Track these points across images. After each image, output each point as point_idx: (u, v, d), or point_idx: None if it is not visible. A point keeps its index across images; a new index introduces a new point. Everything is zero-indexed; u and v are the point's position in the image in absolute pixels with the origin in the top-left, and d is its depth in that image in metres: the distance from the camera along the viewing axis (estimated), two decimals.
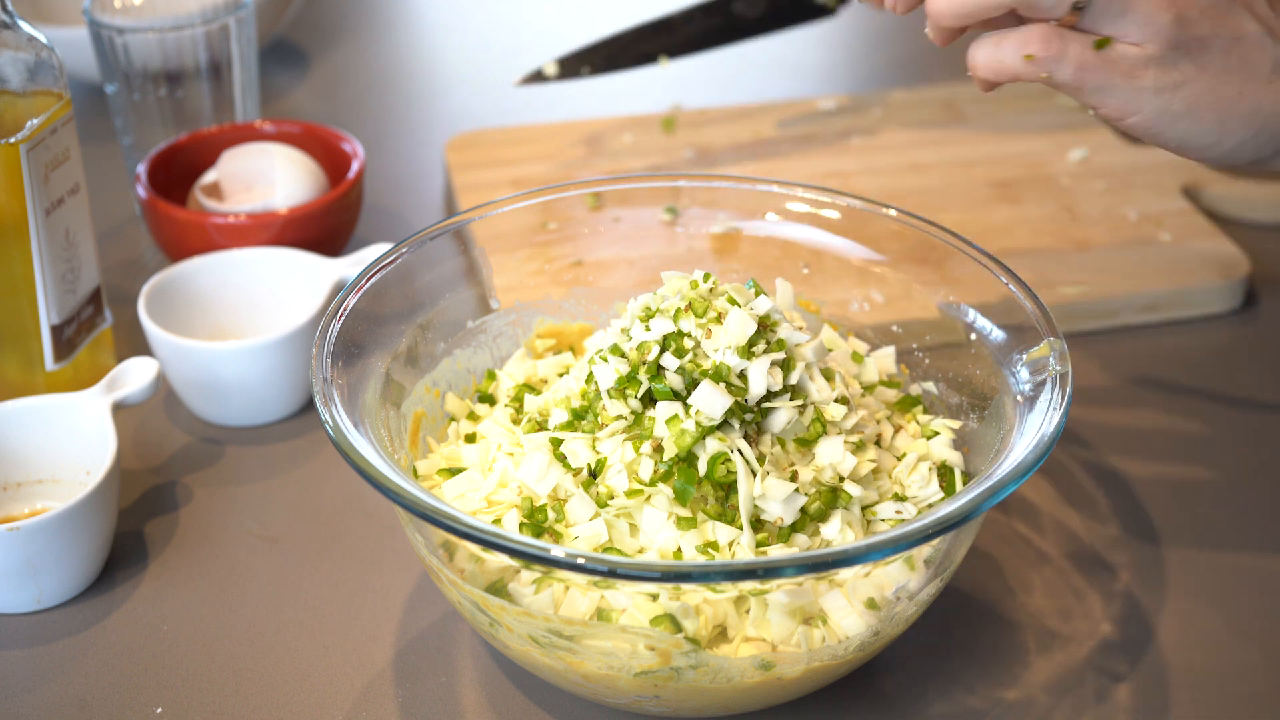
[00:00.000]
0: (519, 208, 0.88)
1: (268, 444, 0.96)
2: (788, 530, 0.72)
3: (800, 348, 0.75)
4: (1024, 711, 0.77)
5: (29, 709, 0.77)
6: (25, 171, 0.88)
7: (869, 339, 0.88)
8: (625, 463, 0.73)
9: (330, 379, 0.74)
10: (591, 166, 1.21)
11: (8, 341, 0.93)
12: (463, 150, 1.24)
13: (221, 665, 0.80)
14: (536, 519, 0.74)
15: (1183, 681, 0.79)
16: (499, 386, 0.86)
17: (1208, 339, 1.06)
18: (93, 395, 0.88)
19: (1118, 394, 1.00)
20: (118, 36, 1.13)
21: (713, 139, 1.25)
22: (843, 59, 1.52)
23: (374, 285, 0.81)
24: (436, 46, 1.58)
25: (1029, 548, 0.87)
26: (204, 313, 1.01)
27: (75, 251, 0.94)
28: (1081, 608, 0.83)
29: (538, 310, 0.90)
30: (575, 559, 0.64)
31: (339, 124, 1.29)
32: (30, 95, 0.90)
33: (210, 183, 1.10)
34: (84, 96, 1.32)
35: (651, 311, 0.75)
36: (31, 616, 0.83)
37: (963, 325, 0.82)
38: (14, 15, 0.89)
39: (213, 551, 0.88)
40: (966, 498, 0.67)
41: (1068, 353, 0.75)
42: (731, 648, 0.71)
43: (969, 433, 0.81)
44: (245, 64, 1.17)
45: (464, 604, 0.73)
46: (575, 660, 0.70)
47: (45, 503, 0.88)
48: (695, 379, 0.72)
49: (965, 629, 0.82)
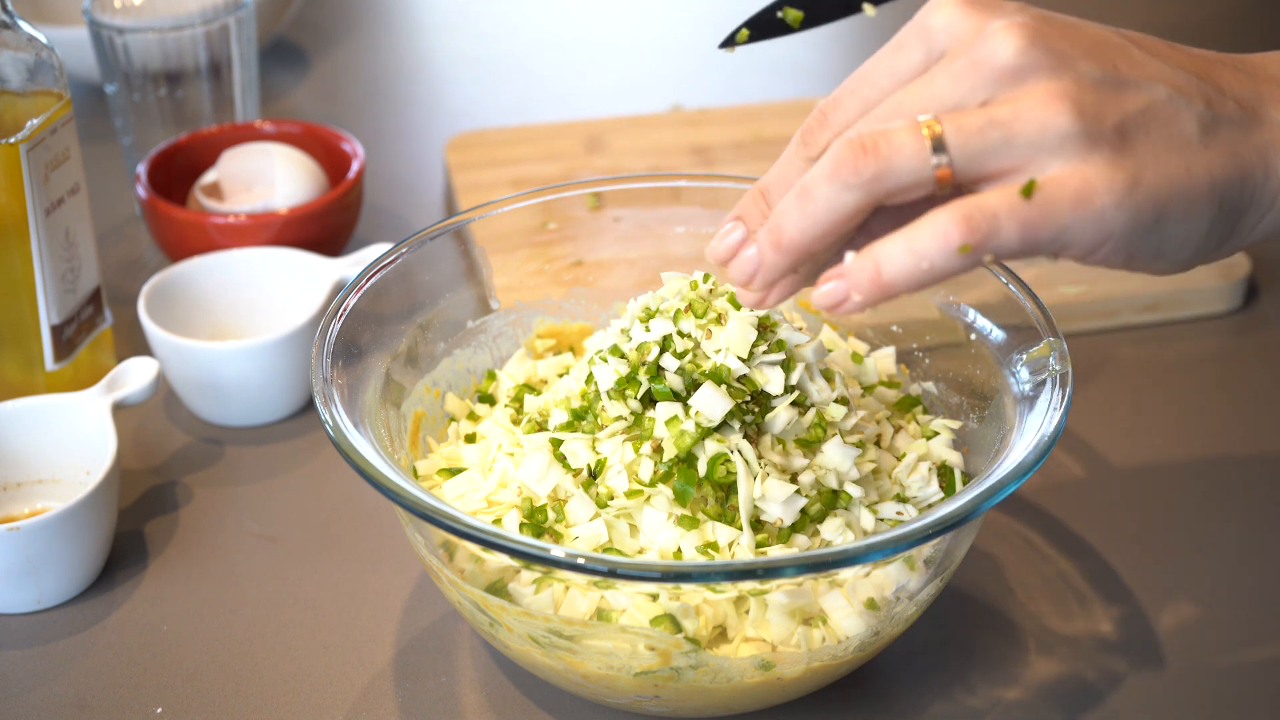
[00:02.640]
0: (519, 208, 0.88)
1: (268, 444, 0.96)
2: (787, 531, 0.72)
3: (800, 348, 0.75)
4: (1024, 711, 0.77)
5: (29, 709, 0.77)
6: (25, 171, 0.88)
7: (869, 339, 0.88)
8: (625, 463, 0.73)
9: (330, 379, 0.74)
10: (591, 166, 1.21)
11: (8, 341, 0.93)
12: (463, 150, 1.24)
13: (221, 665, 0.80)
14: (536, 519, 0.74)
15: (1183, 681, 0.79)
16: (499, 387, 0.86)
17: (1208, 339, 1.06)
18: (93, 395, 0.88)
19: (1118, 394, 1.00)
20: (118, 36, 1.13)
21: (713, 139, 1.25)
22: (843, 59, 1.52)
23: (374, 285, 0.81)
24: (436, 46, 1.58)
25: (1029, 548, 0.87)
26: (204, 313, 1.01)
27: (75, 251, 0.94)
28: (1081, 608, 0.83)
29: (538, 310, 0.90)
30: (575, 559, 0.64)
31: (339, 124, 1.28)
32: (30, 95, 0.90)
33: (210, 183, 1.10)
34: (84, 96, 1.32)
35: (651, 312, 0.75)
36: (31, 616, 0.83)
37: (963, 325, 0.82)
38: (14, 15, 0.89)
39: (213, 551, 0.88)
40: (966, 498, 0.67)
41: (1068, 353, 0.75)
42: (731, 648, 0.71)
43: (969, 433, 0.81)
44: (245, 64, 1.17)
45: (464, 604, 0.73)
46: (575, 660, 0.70)
47: (45, 503, 0.88)
48: (695, 380, 0.72)
49: (965, 629, 0.82)
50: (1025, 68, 0.58)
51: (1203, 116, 0.60)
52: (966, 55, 0.59)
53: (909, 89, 0.60)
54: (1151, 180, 0.59)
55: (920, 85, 0.60)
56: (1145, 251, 0.61)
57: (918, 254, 0.58)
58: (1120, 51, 0.60)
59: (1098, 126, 0.58)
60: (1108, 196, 0.58)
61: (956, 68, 0.59)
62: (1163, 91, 0.60)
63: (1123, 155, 0.58)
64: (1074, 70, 0.58)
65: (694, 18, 1.63)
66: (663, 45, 1.55)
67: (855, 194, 0.59)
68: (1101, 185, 0.58)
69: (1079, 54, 0.59)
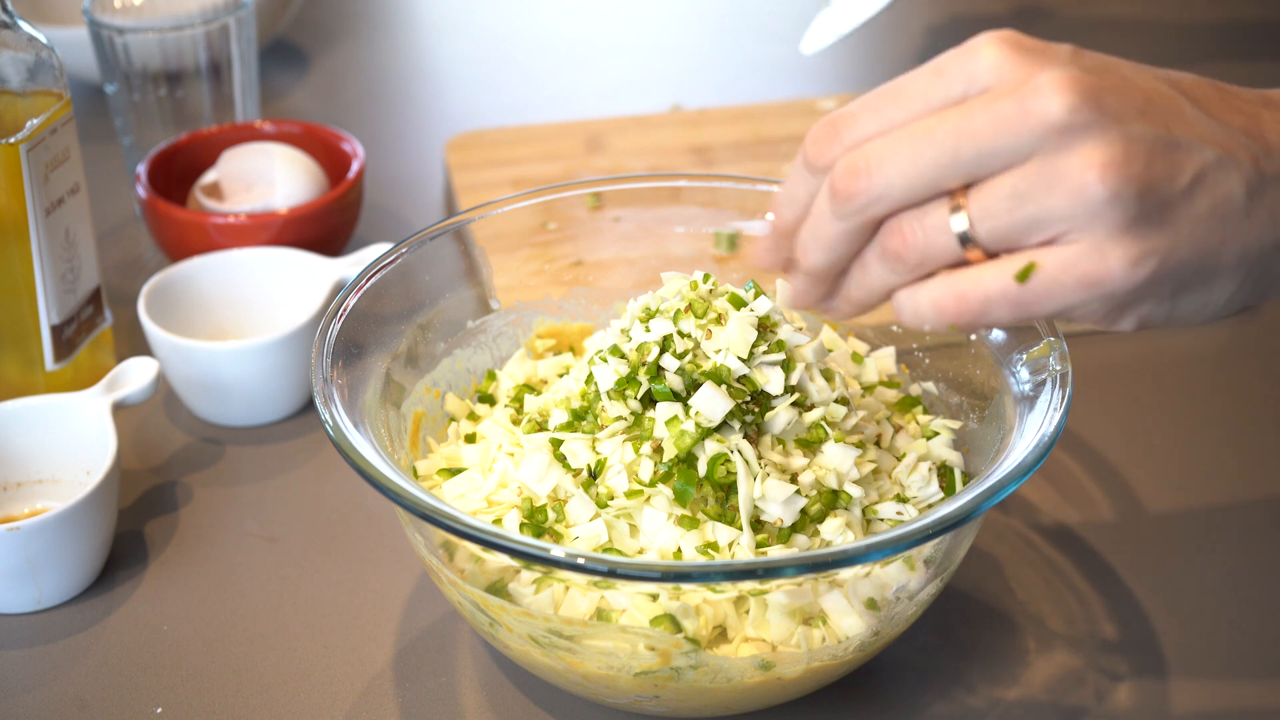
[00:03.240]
0: (519, 208, 0.88)
1: (268, 444, 0.96)
2: (787, 531, 0.72)
3: (800, 348, 0.75)
4: (1024, 711, 0.77)
5: (29, 709, 0.77)
6: (25, 171, 0.88)
7: (869, 339, 0.88)
8: (625, 463, 0.73)
9: (330, 379, 0.74)
10: (591, 166, 1.21)
11: (8, 341, 0.93)
12: (463, 150, 1.24)
13: (221, 665, 0.80)
14: (536, 519, 0.74)
15: (1183, 681, 0.79)
16: (499, 387, 0.86)
17: (1208, 339, 1.06)
18: (93, 395, 0.88)
19: (1118, 394, 1.00)
20: (118, 36, 1.13)
21: (713, 139, 1.25)
22: (843, 59, 1.52)
23: (374, 285, 0.81)
24: (436, 46, 1.58)
25: (1029, 548, 0.87)
26: (204, 313, 1.01)
27: (75, 251, 0.94)
28: (1081, 608, 0.83)
29: (538, 310, 0.90)
30: (575, 559, 0.64)
31: (339, 124, 1.29)
32: (30, 95, 0.90)
33: (210, 183, 1.10)
34: (84, 96, 1.32)
35: (651, 312, 0.75)
36: (31, 616, 0.83)
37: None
38: (14, 15, 0.89)
39: (213, 551, 0.88)
40: (966, 498, 0.67)
41: (1068, 353, 0.75)
42: (731, 648, 0.71)
43: (969, 433, 0.81)
44: (245, 64, 1.17)
45: (464, 604, 0.73)
46: (575, 660, 0.70)
47: (45, 503, 0.88)
48: (695, 380, 0.72)
49: (965, 629, 0.82)
50: (1075, 127, 0.56)
51: (1250, 179, 0.58)
52: (1014, 101, 0.56)
53: (943, 116, 0.58)
54: (1180, 256, 0.57)
55: (958, 117, 0.57)
56: (1158, 318, 0.60)
57: (919, 315, 0.60)
58: (1173, 109, 0.58)
59: (1141, 199, 0.56)
60: (1123, 279, 0.57)
61: (1002, 112, 0.57)
62: (1213, 155, 0.57)
63: (1161, 229, 0.57)
64: (1125, 131, 0.56)
65: (694, 18, 1.63)
66: (663, 45, 1.55)
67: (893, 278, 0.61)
68: (1119, 268, 0.56)
69: (1132, 113, 0.57)
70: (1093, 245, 0.56)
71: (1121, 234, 0.56)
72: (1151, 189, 0.56)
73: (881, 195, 0.59)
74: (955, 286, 0.58)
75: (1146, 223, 0.56)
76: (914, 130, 0.58)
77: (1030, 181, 0.56)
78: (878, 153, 0.58)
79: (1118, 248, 0.56)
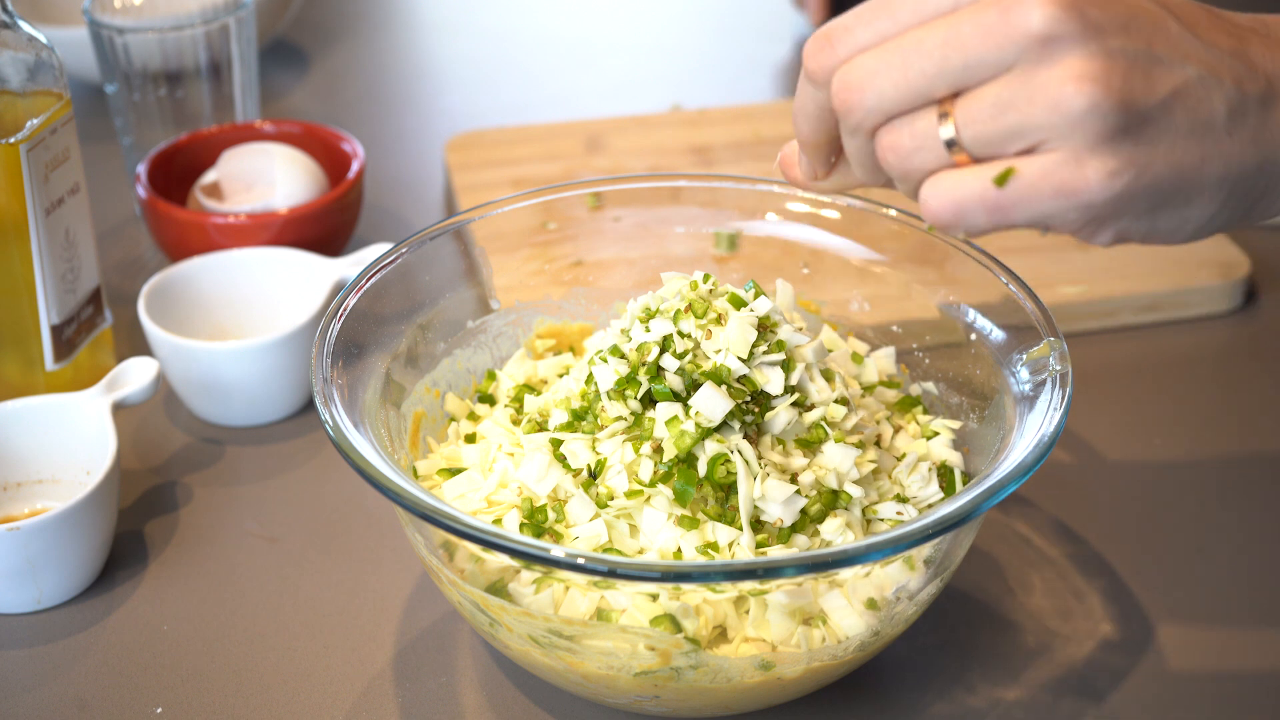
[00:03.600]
0: (519, 208, 0.88)
1: (268, 444, 0.96)
2: (787, 531, 0.72)
3: (800, 349, 0.75)
4: (1024, 711, 0.77)
5: (29, 709, 0.77)
6: (25, 171, 0.88)
7: (869, 339, 0.88)
8: (625, 463, 0.73)
9: (330, 379, 0.74)
10: (591, 166, 1.21)
11: (8, 341, 0.93)
12: (463, 150, 1.24)
13: (221, 665, 0.80)
14: (536, 519, 0.74)
15: (1183, 681, 0.79)
16: (499, 387, 0.86)
17: (1208, 339, 1.06)
18: (93, 395, 0.88)
19: (1118, 394, 1.00)
20: (118, 36, 1.12)
21: (713, 139, 1.25)
22: None
23: (374, 285, 0.81)
24: (436, 46, 1.58)
25: (1029, 548, 0.87)
26: (204, 313, 1.01)
27: (75, 251, 0.94)
28: (1081, 608, 0.83)
29: (538, 310, 0.90)
30: (575, 559, 0.64)
31: (339, 124, 1.29)
32: (30, 95, 0.90)
33: (210, 183, 1.10)
34: (84, 96, 1.32)
35: (651, 312, 0.75)
36: (31, 616, 0.83)
37: (963, 325, 0.82)
38: (14, 15, 0.89)
39: (213, 551, 0.88)
40: (966, 498, 0.67)
41: (1068, 353, 0.75)
42: (731, 648, 0.71)
43: (969, 433, 0.81)
44: (245, 64, 1.17)
45: (464, 604, 0.73)
46: (575, 660, 0.70)
47: (45, 503, 0.88)
48: (695, 380, 0.72)
49: (965, 629, 0.82)
50: (1056, 37, 0.56)
51: (1231, 100, 0.59)
52: (999, 12, 0.57)
53: (931, 27, 0.59)
54: (1158, 170, 0.58)
55: (945, 27, 0.58)
56: (1136, 234, 0.61)
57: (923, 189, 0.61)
58: (1157, 26, 0.58)
59: (1119, 112, 0.56)
60: (1099, 190, 0.57)
61: (986, 21, 0.57)
62: (1195, 73, 0.58)
63: (1138, 142, 0.57)
64: (1105, 44, 0.57)
65: (694, 18, 1.63)
66: (663, 45, 1.55)
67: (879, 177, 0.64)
68: (1096, 179, 0.57)
69: (1114, 27, 0.57)
70: (1070, 155, 0.57)
71: (1099, 145, 0.57)
72: (1130, 103, 0.57)
73: (874, 108, 0.60)
74: (936, 186, 0.59)
75: (1125, 136, 0.57)
76: (904, 42, 0.59)
77: (1013, 91, 0.57)
78: (870, 66, 0.60)
79: (1095, 159, 0.57)
